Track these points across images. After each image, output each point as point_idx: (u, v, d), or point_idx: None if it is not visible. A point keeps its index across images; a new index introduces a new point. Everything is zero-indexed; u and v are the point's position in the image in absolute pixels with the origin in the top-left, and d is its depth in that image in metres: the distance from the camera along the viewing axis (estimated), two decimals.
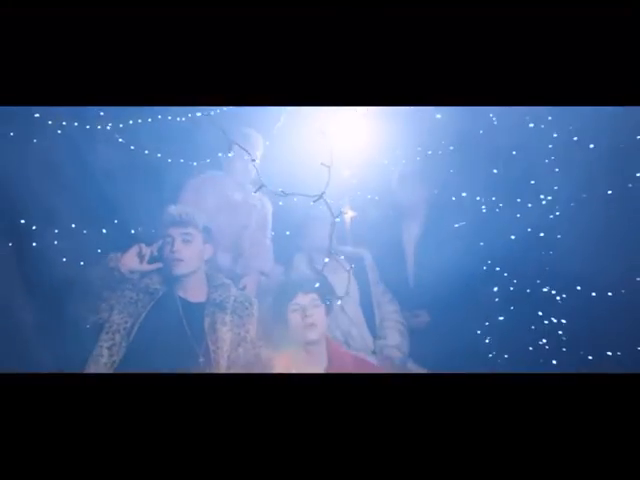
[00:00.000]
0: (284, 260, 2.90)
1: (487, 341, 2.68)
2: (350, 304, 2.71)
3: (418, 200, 2.99)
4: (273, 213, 2.93)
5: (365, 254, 2.87)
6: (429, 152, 2.92)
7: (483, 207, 2.81)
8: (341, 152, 2.35)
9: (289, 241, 2.91)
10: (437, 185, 2.96)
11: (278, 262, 2.90)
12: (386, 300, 2.83)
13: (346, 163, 2.65)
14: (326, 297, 2.56)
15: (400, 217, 3.00)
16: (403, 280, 2.92)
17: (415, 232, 2.98)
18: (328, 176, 1.94)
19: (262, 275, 2.84)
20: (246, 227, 2.88)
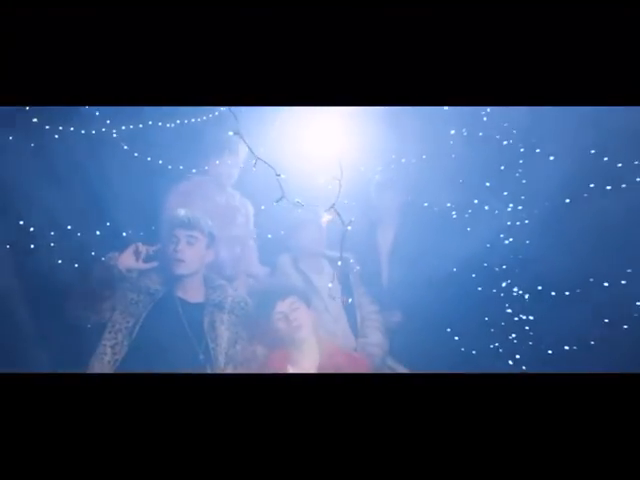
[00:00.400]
0: (269, 262, 2.98)
1: (456, 338, 2.88)
2: (333, 305, 2.84)
3: (392, 206, 3.17)
4: (255, 215, 3.02)
5: (348, 257, 2.97)
6: (402, 160, 3.11)
7: (453, 213, 3.02)
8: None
9: (274, 244, 3.00)
10: (410, 192, 3.14)
11: (264, 264, 2.99)
12: (367, 301, 2.97)
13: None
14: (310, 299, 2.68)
15: (377, 222, 3.17)
16: (380, 282, 3.07)
17: (390, 237, 3.14)
18: (339, 188, 2.05)
19: (249, 277, 2.93)
20: (231, 230, 2.95)
